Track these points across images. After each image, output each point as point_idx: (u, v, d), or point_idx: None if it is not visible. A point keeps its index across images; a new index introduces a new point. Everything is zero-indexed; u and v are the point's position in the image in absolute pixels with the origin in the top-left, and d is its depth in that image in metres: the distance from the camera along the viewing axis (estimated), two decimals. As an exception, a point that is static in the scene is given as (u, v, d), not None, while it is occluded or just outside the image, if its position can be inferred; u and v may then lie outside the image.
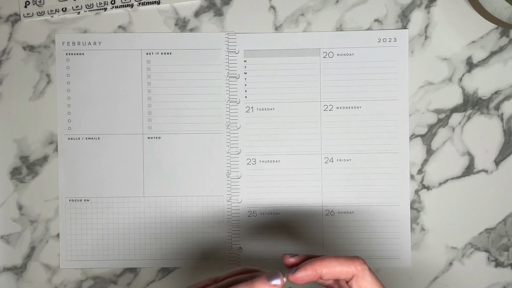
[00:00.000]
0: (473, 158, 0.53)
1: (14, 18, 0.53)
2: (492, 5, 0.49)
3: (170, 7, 0.53)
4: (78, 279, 0.54)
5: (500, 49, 0.53)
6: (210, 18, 0.53)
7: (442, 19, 0.53)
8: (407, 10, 0.53)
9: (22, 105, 0.53)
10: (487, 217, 0.53)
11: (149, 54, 0.53)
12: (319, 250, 0.53)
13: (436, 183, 0.53)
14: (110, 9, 0.53)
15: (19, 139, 0.53)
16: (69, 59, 0.53)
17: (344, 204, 0.53)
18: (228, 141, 0.53)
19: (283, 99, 0.53)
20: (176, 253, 0.53)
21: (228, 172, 0.53)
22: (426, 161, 0.53)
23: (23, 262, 0.54)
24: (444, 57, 0.53)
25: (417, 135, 0.53)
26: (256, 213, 0.53)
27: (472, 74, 0.53)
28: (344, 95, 0.53)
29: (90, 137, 0.53)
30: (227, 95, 0.53)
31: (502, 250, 0.54)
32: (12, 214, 0.54)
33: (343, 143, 0.53)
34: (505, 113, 0.53)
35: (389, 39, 0.53)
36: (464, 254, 0.54)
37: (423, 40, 0.53)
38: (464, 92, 0.53)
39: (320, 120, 0.53)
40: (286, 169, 0.53)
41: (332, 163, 0.53)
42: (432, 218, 0.53)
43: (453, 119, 0.53)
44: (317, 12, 0.53)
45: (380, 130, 0.53)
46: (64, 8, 0.53)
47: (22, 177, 0.54)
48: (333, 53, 0.53)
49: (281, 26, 0.53)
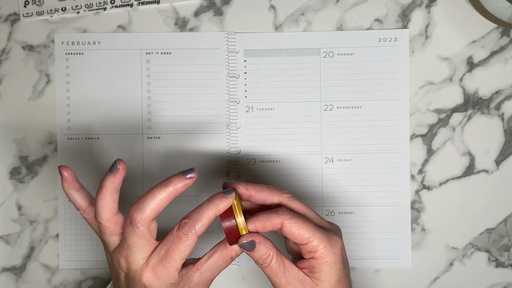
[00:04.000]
0: (473, 158, 0.53)
1: (13, 17, 0.53)
2: (492, 5, 0.49)
3: (170, 6, 0.53)
4: (77, 279, 0.54)
5: (500, 49, 0.53)
6: (210, 18, 0.53)
7: (442, 19, 0.53)
8: (408, 10, 0.53)
9: (22, 105, 0.53)
10: (488, 217, 0.53)
11: (148, 54, 0.53)
12: (319, 250, 0.53)
13: (437, 183, 0.53)
14: (110, 8, 0.53)
15: (19, 139, 0.53)
16: (68, 59, 0.53)
17: (344, 204, 0.53)
18: (228, 141, 0.53)
19: (283, 99, 0.53)
20: (176, 253, 0.53)
21: (228, 172, 0.53)
22: (426, 161, 0.53)
23: (22, 262, 0.54)
24: (445, 56, 0.53)
25: (418, 135, 0.53)
26: (256, 213, 0.53)
27: (472, 74, 0.53)
28: (344, 95, 0.53)
29: (90, 137, 0.53)
30: (227, 95, 0.53)
31: (503, 250, 0.53)
32: (12, 214, 0.53)
33: (343, 143, 0.53)
34: (506, 113, 0.53)
35: (389, 39, 0.53)
36: (464, 254, 0.54)
37: (423, 40, 0.53)
38: (464, 92, 0.53)
39: (320, 120, 0.53)
40: (286, 169, 0.53)
41: (332, 163, 0.53)
42: (432, 218, 0.53)
43: (453, 119, 0.53)
44: (317, 11, 0.53)
45: (380, 130, 0.53)
46: (63, 7, 0.52)
47: (21, 177, 0.53)
48: (333, 53, 0.53)
49: (281, 25, 0.53)
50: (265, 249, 0.41)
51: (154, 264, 0.40)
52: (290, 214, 0.40)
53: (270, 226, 0.40)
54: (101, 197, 0.41)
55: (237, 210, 0.40)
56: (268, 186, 0.43)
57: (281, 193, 0.42)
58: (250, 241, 0.40)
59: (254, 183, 0.43)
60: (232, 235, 0.40)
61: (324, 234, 0.40)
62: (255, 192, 0.42)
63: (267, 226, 0.40)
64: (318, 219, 0.42)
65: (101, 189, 0.41)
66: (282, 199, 0.42)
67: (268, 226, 0.40)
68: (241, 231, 0.40)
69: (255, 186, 0.43)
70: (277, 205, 0.43)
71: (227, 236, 0.40)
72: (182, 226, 0.40)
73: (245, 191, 0.42)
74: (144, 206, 0.39)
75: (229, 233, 0.40)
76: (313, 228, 0.40)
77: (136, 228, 0.40)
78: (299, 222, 0.40)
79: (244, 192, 0.42)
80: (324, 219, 0.43)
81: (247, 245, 0.40)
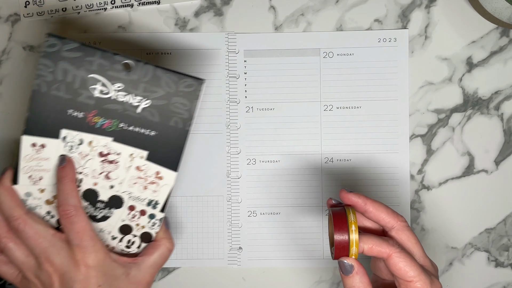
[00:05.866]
0: (473, 158, 0.53)
1: (14, 18, 0.53)
2: (492, 5, 0.49)
3: (170, 7, 0.53)
4: (78, 279, 0.54)
5: (500, 49, 0.53)
6: (210, 18, 0.53)
7: (442, 19, 0.53)
8: (407, 10, 0.53)
9: (22, 105, 0.53)
10: (487, 217, 0.53)
11: (149, 54, 0.53)
12: (319, 249, 0.53)
13: (436, 183, 0.53)
14: (110, 9, 0.53)
15: (19, 139, 0.53)
16: (69, 59, 0.53)
17: (344, 204, 0.53)
18: (228, 141, 0.53)
19: (283, 99, 0.53)
20: (176, 253, 0.53)
21: (228, 172, 0.53)
22: (426, 161, 0.53)
23: (23, 262, 0.54)
24: (444, 57, 0.53)
25: (417, 135, 0.53)
26: (256, 213, 0.53)
27: (472, 74, 0.53)
28: (344, 95, 0.53)
29: (90, 137, 0.53)
30: (227, 95, 0.53)
31: (502, 250, 0.54)
32: (12, 214, 0.53)
33: (343, 143, 0.53)
34: (505, 113, 0.53)
35: (389, 39, 0.53)
36: (464, 254, 0.54)
37: (423, 40, 0.53)
38: (464, 92, 0.53)
39: (320, 120, 0.53)
40: (286, 169, 0.53)
41: (332, 163, 0.53)
42: (432, 218, 0.53)
43: (453, 119, 0.53)
44: (317, 12, 0.53)
45: (380, 130, 0.53)
46: (64, 8, 0.53)
47: (22, 177, 0.53)
48: (333, 53, 0.53)
49: (281, 26, 0.53)
50: (357, 282, 0.41)
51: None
52: (400, 248, 0.40)
53: (377, 253, 0.40)
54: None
55: (354, 227, 0.40)
56: (386, 207, 0.42)
57: (398, 219, 0.42)
58: (350, 265, 0.41)
59: (374, 199, 0.43)
60: (341, 249, 0.40)
61: (428, 278, 0.40)
62: (373, 209, 0.42)
63: (374, 251, 0.40)
64: (422, 257, 0.42)
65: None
66: (397, 225, 0.42)
67: (375, 251, 0.40)
68: (351, 248, 0.40)
69: (373, 203, 0.42)
70: (381, 231, 0.43)
71: (336, 248, 0.41)
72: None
73: (363, 205, 0.42)
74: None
75: (339, 246, 0.40)
76: (419, 268, 0.40)
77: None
78: (407, 259, 0.40)
79: (362, 206, 0.42)
80: (428, 257, 0.43)
81: (345, 266, 0.41)
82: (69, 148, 0.44)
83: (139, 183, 0.45)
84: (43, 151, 0.44)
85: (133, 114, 0.44)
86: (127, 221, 0.46)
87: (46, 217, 0.45)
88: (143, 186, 0.45)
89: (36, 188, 0.45)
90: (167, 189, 0.46)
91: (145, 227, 0.46)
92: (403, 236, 0.42)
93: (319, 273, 0.54)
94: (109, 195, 0.45)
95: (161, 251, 0.46)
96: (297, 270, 0.54)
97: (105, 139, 0.44)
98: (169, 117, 0.45)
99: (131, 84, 0.44)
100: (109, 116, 0.44)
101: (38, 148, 0.44)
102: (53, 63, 0.43)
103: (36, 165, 0.45)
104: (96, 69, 0.43)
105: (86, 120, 0.44)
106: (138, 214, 0.46)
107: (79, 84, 0.44)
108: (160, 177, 0.45)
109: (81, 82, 0.44)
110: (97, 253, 0.43)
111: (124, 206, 0.46)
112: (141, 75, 0.44)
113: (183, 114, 0.45)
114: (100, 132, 0.44)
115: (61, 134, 0.44)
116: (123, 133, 0.44)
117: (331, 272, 0.53)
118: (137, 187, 0.45)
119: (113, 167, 0.45)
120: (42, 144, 0.44)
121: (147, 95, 0.44)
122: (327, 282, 0.54)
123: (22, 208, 0.44)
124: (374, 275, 0.46)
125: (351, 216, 0.41)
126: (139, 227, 0.46)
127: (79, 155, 0.44)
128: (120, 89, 0.44)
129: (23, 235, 0.43)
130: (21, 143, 0.44)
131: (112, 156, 0.45)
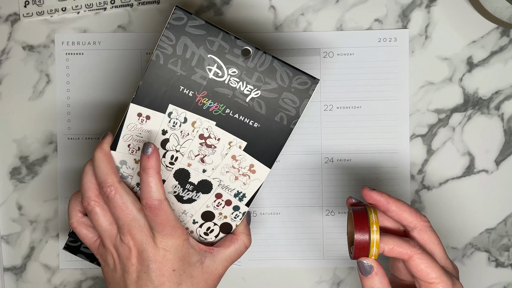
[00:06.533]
0: (473, 158, 0.53)
1: (13, 17, 0.53)
2: (492, 5, 0.49)
3: (170, 6, 0.53)
4: (77, 279, 0.54)
5: (500, 49, 0.53)
6: (210, 18, 0.53)
7: (442, 19, 0.53)
8: (407, 10, 0.53)
9: (22, 105, 0.53)
10: (488, 217, 0.53)
11: (149, 54, 0.53)
12: (319, 249, 0.53)
13: (437, 183, 0.53)
14: (110, 8, 0.53)
15: (19, 139, 0.53)
16: (68, 59, 0.53)
17: (344, 204, 0.53)
18: (228, 141, 0.53)
19: (283, 99, 0.53)
20: (176, 253, 0.53)
21: (228, 172, 0.53)
22: (426, 161, 0.53)
23: (22, 262, 0.54)
24: (445, 57, 0.53)
25: (418, 135, 0.53)
26: (256, 213, 0.53)
27: (472, 74, 0.53)
28: (344, 95, 0.53)
29: (90, 137, 0.53)
30: (227, 95, 0.53)
31: (503, 250, 0.54)
32: (12, 214, 0.53)
33: (343, 143, 0.53)
34: (506, 113, 0.53)
35: (389, 39, 0.53)
36: (464, 254, 0.54)
37: (423, 40, 0.53)
38: (464, 92, 0.53)
39: (320, 120, 0.53)
40: (286, 169, 0.53)
41: (332, 163, 0.53)
42: (432, 218, 0.53)
43: (453, 119, 0.53)
44: (317, 12, 0.53)
45: (380, 130, 0.53)
46: (63, 7, 0.52)
47: (21, 177, 0.53)
48: (333, 53, 0.53)
49: (281, 26, 0.53)
50: (377, 283, 0.40)
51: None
52: (421, 249, 0.40)
53: (398, 254, 0.40)
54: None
55: (375, 227, 0.40)
56: (409, 206, 0.42)
57: (421, 219, 0.42)
58: (369, 266, 0.40)
59: (396, 198, 0.42)
60: (361, 249, 0.40)
61: (449, 279, 0.40)
62: (395, 208, 0.42)
63: (395, 252, 0.40)
64: (443, 258, 0.42)
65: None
66: (419, 225, 0.42)
67: (396, 252, 0.40)
68: (371, 248, 0.40)
69: (396, 202, 0.42)
70: (401, 232, 0.43)
71: (356, 248, 0.40)
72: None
73: (385, 204, 0.42)
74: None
75: (359, 246, 0.40)
76: (440, 270, 0.40)
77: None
78: (429, 261, 0.40)
79: (384, 205, 0.42)
80: (449, 258, 0.43)
81: (365, 267, 0.40)
82: (172, 124, 0.44)
83: (231, 172, 0.45)
84: (147, 123, 0.44)
85: (241, 102, 0.43)
86: (211, 208, 0.46)
87: (135, 188, 0.45)
88: (235, 176, 0.45)
89: (132, 158, 0.45)
90: (257, 184, 0.45)
91: (227, 218, 0.46)
92: (425, 237, 0.42)
93: (319, 273, 0.54)
94: (199, 178, 0.45)
95: (237, 246, 0.45)
96: (297, 270, 0.54)
97: (208, 122, 0.44)
98: (275, 112, 0.44)
99: (246, 72, 0.43)
100: (217, 100, 0.43)
101: (143, 119, 0.44)
102: (176, 37, 0.42)
103: (137, 135, 0.44)
104: (215, 50, 0.43)
105: (195, 100, 0.43)
106: (223, 203, 0.46)
107: (196, 62, 0.43)
108: (253, 171, 0.45)
109: (198, 60, 0.43)
110: (176, 240, 0.43)
111: (212, 193, 0.45)
112: (258, 64, 0.43)
113: (290, 111, 0.44)
114: (206, 114, 0.44)
115: (168, 109, 0.43)
116: (228, 119, 0.44)
117: (331, 272, 0.53)
118: (229, 176, 0.45)
119: (210, 152, 0.44)
120: (147, 115, 0.44)
121: (259, 85, 0.43)
122: (327, 282, 0.53)
123: (116, 175, 0.43)
124: (392, 275, 0.46)
125: (373, 215, 0.41)
126: (221, 217, 0.46)
127: (180, 134, 0.44)
128: (233, 75, 0.43)
129: (112, 203, 0.42)
130: (127, 110, 0.44)
131: (211, 141, 0.44)
